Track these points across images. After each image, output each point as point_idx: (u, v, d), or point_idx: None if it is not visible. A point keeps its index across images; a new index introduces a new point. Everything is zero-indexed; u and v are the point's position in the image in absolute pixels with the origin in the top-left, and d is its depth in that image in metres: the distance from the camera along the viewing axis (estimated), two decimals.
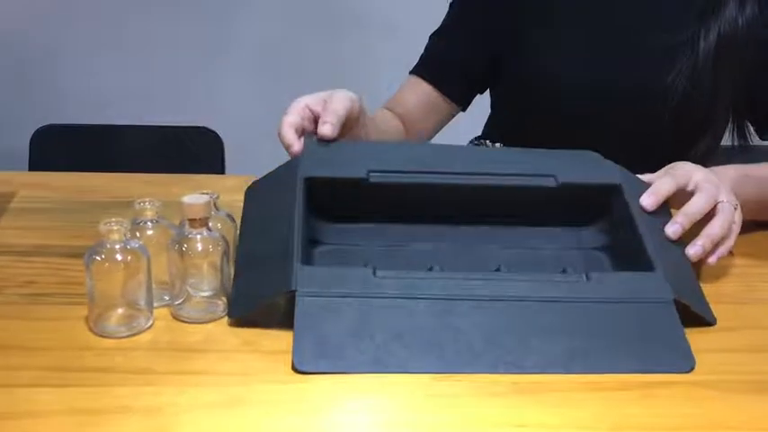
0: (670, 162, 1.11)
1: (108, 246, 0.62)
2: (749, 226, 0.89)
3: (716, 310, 0.71)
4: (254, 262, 0.70)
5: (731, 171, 0.86)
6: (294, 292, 0.63)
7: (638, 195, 0.76)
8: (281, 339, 0.63)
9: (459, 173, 0.76)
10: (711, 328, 0.70)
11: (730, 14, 1.01)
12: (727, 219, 0.76)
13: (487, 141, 1.21)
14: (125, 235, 0.63)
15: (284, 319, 0.64)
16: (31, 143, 1.48)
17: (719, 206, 0.77)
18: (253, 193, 0.80)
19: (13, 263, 0.77)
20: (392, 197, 0.75)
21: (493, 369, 0.61)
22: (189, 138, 1.38)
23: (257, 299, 0.66)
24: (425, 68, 1.13)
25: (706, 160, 1.08)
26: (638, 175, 0.82)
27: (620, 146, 1.09)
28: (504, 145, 1.18)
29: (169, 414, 0.54)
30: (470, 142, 1.27)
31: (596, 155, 0.82)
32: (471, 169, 0.77)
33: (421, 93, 1.12)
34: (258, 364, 0.61)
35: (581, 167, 0.79)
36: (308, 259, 0.69)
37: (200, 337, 0.64)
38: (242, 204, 0.95)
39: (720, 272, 0.80)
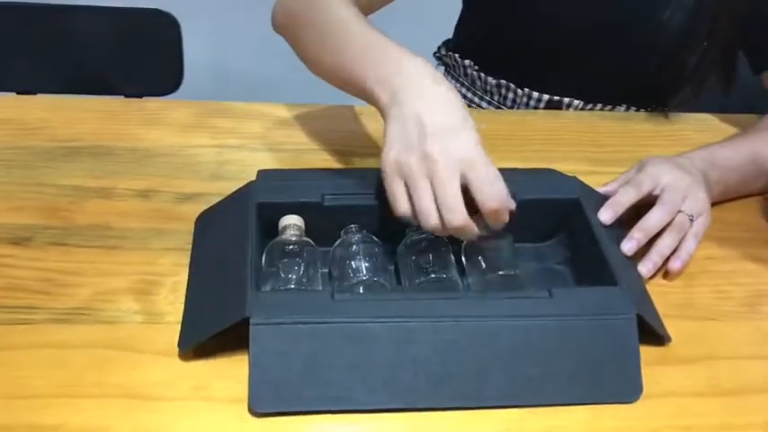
0: (648, 106, 1.06)
1: None
2: (733, 209, 0.86)
3: (677, 327, 0.68)
4: (205, 291, 0.67)
5: (699, 162, 0.83)
6: (248, 319, 0.61)
7: (597, 209, 0.75)
8: (235, 380, 0.61)
9: None
10: (667, 358, 0.67)
11: None
12: (680, 233, 0.75)
13: (456, 56, 1.13)
14: None
15: (237, 346, 0.62)
16: None
17: (675, 218, 0.76)
18: (203, 221, 0.76)
19: None
20: (348, 220, 0.72)
21: (450, 403, 0.61)
22: (143, 21, 1.27)
23: (210, 327, 0.63)
24: None
25: (687, 103, 1.04)
26: (601, 188, 0.80)
27: (603, 82, 1.04)
28: (474, 63, 1.10)
29: None
30: (436, 51, 1.18)
31: (555, 171, 0.80)
32: None
33: None
34: (211, 416, 0.59)
35: (540, 184, 0.77)
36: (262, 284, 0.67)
37: (153, 378, 0.62)
38: (193, 148, 0.89)
39: (690, 268, 0.76)
